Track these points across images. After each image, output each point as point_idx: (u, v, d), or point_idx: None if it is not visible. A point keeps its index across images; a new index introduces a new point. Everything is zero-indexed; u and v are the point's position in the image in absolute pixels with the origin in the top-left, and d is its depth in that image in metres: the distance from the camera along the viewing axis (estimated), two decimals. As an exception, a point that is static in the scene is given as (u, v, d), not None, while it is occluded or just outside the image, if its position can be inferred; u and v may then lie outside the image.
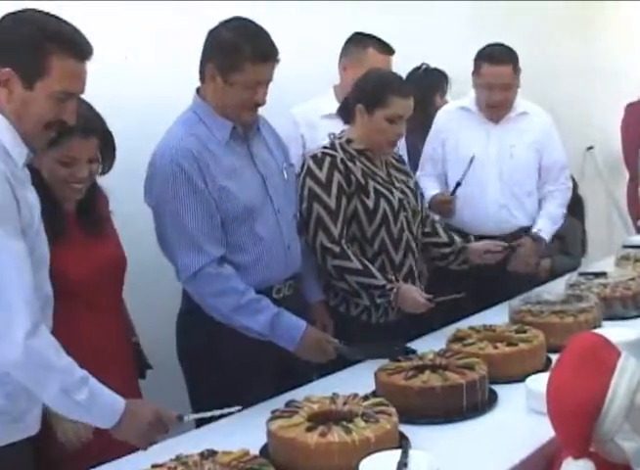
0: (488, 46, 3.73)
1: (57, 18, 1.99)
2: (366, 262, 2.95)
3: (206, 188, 2.56)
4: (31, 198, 2.01)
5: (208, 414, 2.18)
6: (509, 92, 3.73)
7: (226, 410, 2.17)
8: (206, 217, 2.56)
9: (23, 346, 1.85)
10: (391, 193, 3.06)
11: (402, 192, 3.11)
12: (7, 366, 1.88)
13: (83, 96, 2.08)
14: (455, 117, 3.89)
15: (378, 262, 3.02)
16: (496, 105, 3.75)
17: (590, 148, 6.28)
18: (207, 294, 2.58)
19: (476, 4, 4.84)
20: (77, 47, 1.97)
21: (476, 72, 3.72)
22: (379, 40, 3.61)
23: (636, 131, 5.88)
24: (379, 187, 3.03)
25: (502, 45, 3.71)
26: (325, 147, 3.05)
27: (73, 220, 2.49)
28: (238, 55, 2.53)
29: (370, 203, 3.00)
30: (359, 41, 3.64)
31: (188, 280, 2.59)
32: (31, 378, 1.90)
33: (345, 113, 3.11)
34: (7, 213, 1.88)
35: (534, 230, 3.71)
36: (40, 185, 2.24)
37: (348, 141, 3.06)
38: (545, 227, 3.75)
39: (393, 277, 3.00)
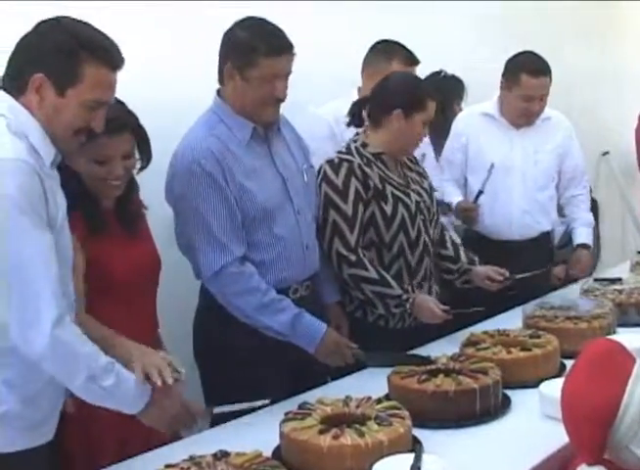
0: (522, 55, 3.75)
1: (90, 26, 2.01)
2: (382, 272, 2.93)
3: (228, 187, 2.57)
4: (59, 195, 2.02)
5: (236, 407, 2.18)
6: (544, 102, 3.77)
7: (254, 404, 2.17)
8: (229, 216, 2.57)
9: (50, 336, 1.86)
10: (408, 196, 3.04)
11: (418, 194, 3.10)
12: (35, 356, 1.89)
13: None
14: (476, 123, 3.90)
15: (395, 267, 3.01)
16: (532, 115, 3.79)
17: (606, 153, 6.26)
18: (230, 293, 2.59)
19: (490, 11, 4.82)
20: (110, 56, 1.99)
21: (513, 82, 3.72)
22: (404, 50, 3.53)
23: None
24: (396, 192, 3.01)
25: (535, 54, 3.74)
26: (341, 152, 3.03)
27: (113, 217, 2.49)
28: (253, 51, 2.55)
29: (388, 209, 2.98)
30: (383, 51, 3.56)
31: (211, 279, 2.60)
32: (59, 367, 1.92)
33: (358, 117, 3.08)
34: (34, 204, 1.89)
35: (582, 242, 3.86)
36: (78, 185, 2.29)
37: (364, 145, 3.03)
38: (587, 235, 3.90)
39: (410, 287, 3.00)
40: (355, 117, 3.10)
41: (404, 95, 2.99)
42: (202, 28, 3.34)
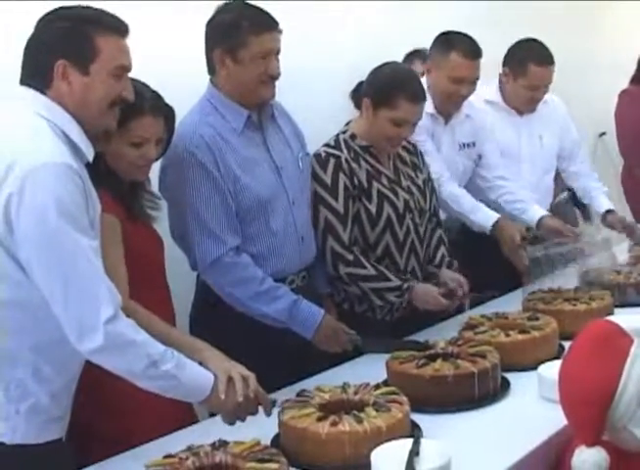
0: (526, 43, 3.73)
1: (84, 6, 2.06)
2: (379, 267, 2.88)
3: (221, 177, 2.56)
4: (94, 194, 2.03)
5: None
6: (548, 89, 3.79)
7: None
8: (222, 206, 2.56)
9: (104, 331, 1.88)
10: (396, 195, 2.96)
11: (409, 191, 3.01)
12: (92, 353, 1.91)
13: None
14: (482, 110, 3.82)
15: (381, 266, 2.94)
16: (537, 102, 3.81)
17: (602, 134, 6.26)
18: (226, 283, 2.58)
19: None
20: (115, 24, 2.03)
21: (519, 72, 3.70)
22: (466, 42, 3.40)
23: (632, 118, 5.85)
24: (383, 189, 2.94)
25: (538, 42, 3.73)
26: (329, 145, 2.96)
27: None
28: (239, 31, 2.54)
29: (373, 208, 2.91)
30: (443, 43, 3.44)
31: (206, 269, 2.59)
32: (118, 358, 1.93)
33: (357, 98, 3.01)
34: (79, 209, 1.91)
35: (609, 208, 3.94)
36: (104, 167, 2.29)
37: (353, 136, 2.96)
38: (609, 201, 3.98)
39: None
40: (356, 97, 3.02)
41: (374, 85, 2.90)
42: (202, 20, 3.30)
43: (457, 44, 3.37)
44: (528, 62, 3.67)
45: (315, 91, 3.35)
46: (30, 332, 1.98)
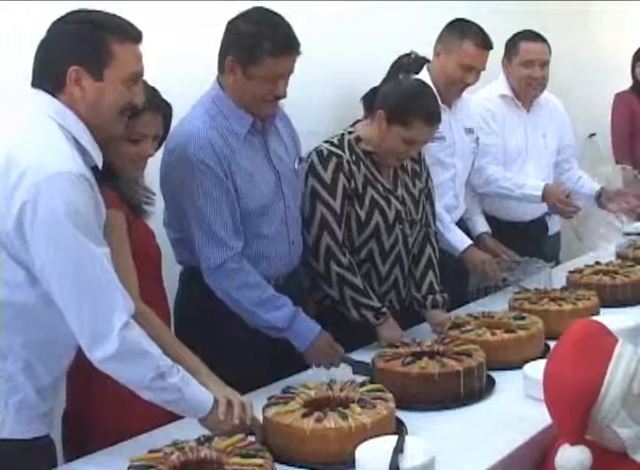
0: (516, 33, 3.87)
1: (99, 10, 2.04)
2: (366, 284, 2.87)
3: (229, 181, 2.54)
4: (101, 200, 2.03)
5: None
6: (546, 70, 3.85)
7: None
8: (229, 210, 2.54)
9: (118, 337, 1.88)
10: (389, 204, 2.94)
11: (402, 201, 2.99)
12: (105, 361, 1.91)
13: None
14: (495, 106, 3.89)
15: (363, 270, 2.94)
16: (536, 83, 3.85)
17: (592, 135, 6.27)
18: (231, 287, 2.56)
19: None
20: (130, 31, 2.02)
21: (513, 53, 3.82)
22: (479, 32, 3.43)
23: (625, 121, 5.93)
24: (377, 197, 2.92)
25: (532, 30, 3.86)
26: (332, 143, 2.92)
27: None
28: (257, 49, 2.47)
29: (362, 214, 2.90)
30: (457, 29, 3.46)
31: (211, 274, 2.57)
32: (128, 366, 1.93)
33: (369, 103, 2.97)
34: (90, 218, 1.92)
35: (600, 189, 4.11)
36: (105, 165, 2.25)
37: (358, 139, 2.93)
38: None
39: (378, 290, 2.96)
40: (368, 102, 3.00)
41: (394, 100, 2.84)
42: (206, 18, 3.27)
43: (471, 33, 3.43)
44: (520, 41, 3.82)
45: (310, 92, 3.33)
46: (23, 330, 1.98)
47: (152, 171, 2.56)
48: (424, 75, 3.46)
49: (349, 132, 2.97)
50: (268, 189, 2.65)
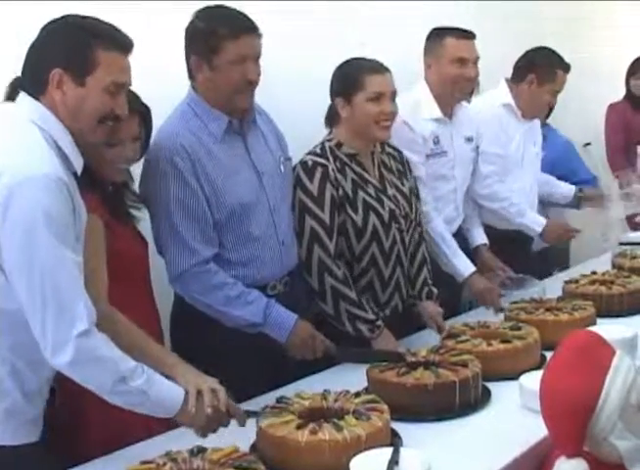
0: (548, 50, 3.90)
1: (93, 17, 2.05)
2: (359, 297, 2.86)
3: (200, 187, 2.53)
4: (82, 206, 2.02)
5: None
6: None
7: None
8: (199, 217, 2.54)
9: (74, 345, 1.88)
10: (382, 204, 2.94)
11: (395, 200, 2.99)
12: (64, 367, 1.91)
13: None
14: (498, 115, 3.88)
15: (366, 278, 2.93)
16: (549, 107, 4.04)
17: (587, 144, 6.28)
18: (196, 291, 2.56)
19: (466, 9, 4.80)
20: (119, 40, 2.03)
21: (548, 78, 3.84)
22: (455, 28, 3.46)
23: (619, 132, 5.95)
24: (369, 199, 2.91)
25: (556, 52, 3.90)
26: (315, 154, 2.92)
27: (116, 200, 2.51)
28: (214, 37, 2.50)
29: (358, 218, 2.89)
30: (436, 36, 3.48)
31: (175, 279, 2.58)
32: (88, 373, 1.92)
33: (330, 117, 3.01)
34: (66, 223, 1.91)
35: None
36: (85, 170, 2.23)
37: (338, 145, 2.94)
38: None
39: (382, 298, 2.97)
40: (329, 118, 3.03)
41: (339, 81, 2.93)
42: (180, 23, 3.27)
43: (448, 30, 3.44)
44: (557, 68, 3.84)
45: (303, 95, 3.32)
46: (8, 334, 1.98)
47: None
48: (422, 88, 3.46)
49: (329, 140, 2.97)
50: (249, 188, 2.64)
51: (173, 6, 3.11)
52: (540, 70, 3.85)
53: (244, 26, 2.53)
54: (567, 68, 3.85)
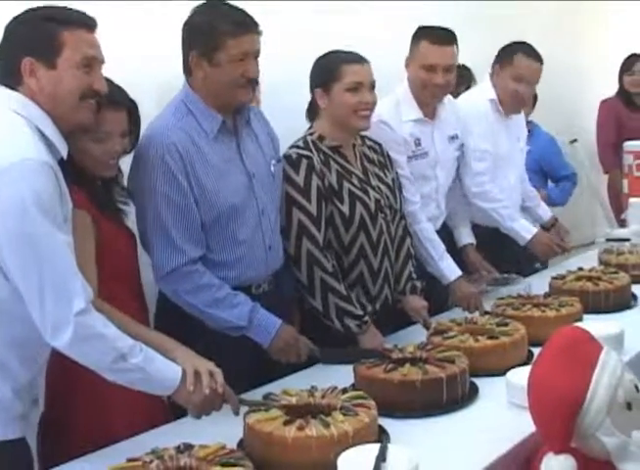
0: (515, 43, 3.79)
1: (52, 6, 2.08)
2: (349, 292, 2.86)
3: (189, 187, 2.51)
4: (67, 191, 2.03)
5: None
6: (532, 90, 3.88)
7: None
8: (186, 216, 2.51)
9: (74, 323, 1.90)
10: (367, 194, 2.94)
11: (379, 190, 3.00)
12: (63, 347, 1.93)
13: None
14: (484, 111, 3.83)
15: (356, 271, 2.93)
16: (524, 100, 3.85)
17: (574, 141, 6.29)
18: (182, 291, 2.54)
19: (462, 4, 4.81)
20: (82, 19, 2.06)
21: (507, 61, 3.74)
22: (435, 30, 3.35)
23: (610, 128, 5.96)
24: (354, 189, 2.91)
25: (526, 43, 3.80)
26: (299, 147, 2.92)
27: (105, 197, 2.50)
28: (216, 34, 2.48)
29: (345, 208, 2.88)
30: (415, 36, 3.40)
31: (161, 278, 2.55)
32: (87, 350, 1.95)
33: (310, 110, 3.02)
34: (54, 206, 1.93)
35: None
36: (73, 166, 2.25)
37: (320, 138, 2.93)
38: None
39: (373, 289, 2.97)
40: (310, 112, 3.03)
41: (317, 74, 2.93)
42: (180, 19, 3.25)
43: (427, 32, 3.35)
44: (517, 51, 3.73)
45: (303, 95, 3.32)
46: (2, 328, 1.99)
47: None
48: (404, 89, 3.43)
49: (310, 134, 2.97)
50: (239, 189, 2.62)
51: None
52: (500, 57, 3.79)
53: (245, 23, 2.51)
54: (529, 52, 3.71)
